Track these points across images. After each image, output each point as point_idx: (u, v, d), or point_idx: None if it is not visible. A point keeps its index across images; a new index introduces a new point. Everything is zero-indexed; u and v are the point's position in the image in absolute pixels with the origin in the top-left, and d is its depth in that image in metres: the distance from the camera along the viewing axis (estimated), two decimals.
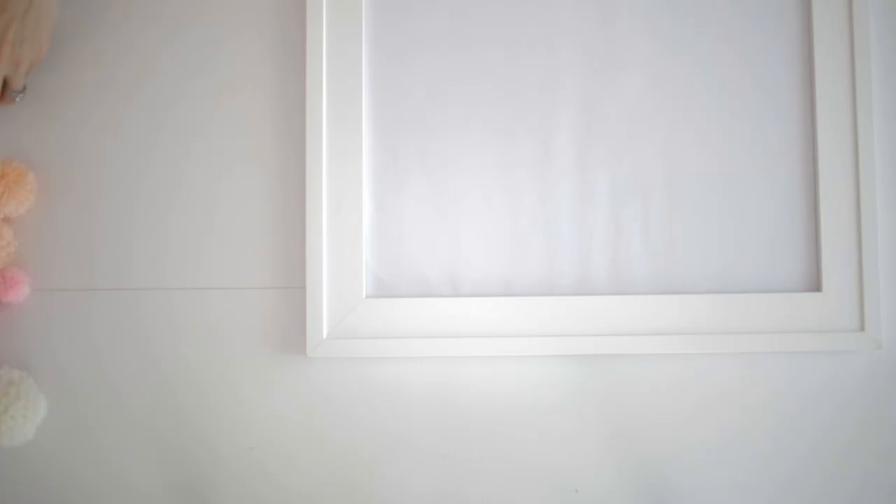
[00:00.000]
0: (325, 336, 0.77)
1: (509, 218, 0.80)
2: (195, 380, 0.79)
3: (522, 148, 0.80)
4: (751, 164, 0.80)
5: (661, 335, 0.77)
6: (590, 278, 0.79)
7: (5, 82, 0.76)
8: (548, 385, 0.79)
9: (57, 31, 0.80)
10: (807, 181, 0.80)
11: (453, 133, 0.80)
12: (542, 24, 0.80)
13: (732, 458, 0.79)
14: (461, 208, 0.80)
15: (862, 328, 0.78)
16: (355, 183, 0.78)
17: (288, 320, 0.79)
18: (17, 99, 0.78)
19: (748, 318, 0.78)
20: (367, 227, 0.78)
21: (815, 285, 0.79)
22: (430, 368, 0.78)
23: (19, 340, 0.79)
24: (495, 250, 0.79)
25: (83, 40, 0.81)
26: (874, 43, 0.80)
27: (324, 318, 0.77)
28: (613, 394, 0.79)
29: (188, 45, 0.80)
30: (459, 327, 0.77)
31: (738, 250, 0.80)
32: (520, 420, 0.79)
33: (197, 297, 0.79)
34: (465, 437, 0.79)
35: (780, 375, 0.79)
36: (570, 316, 0.78)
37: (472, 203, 0.80)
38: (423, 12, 0.80)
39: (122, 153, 0.80)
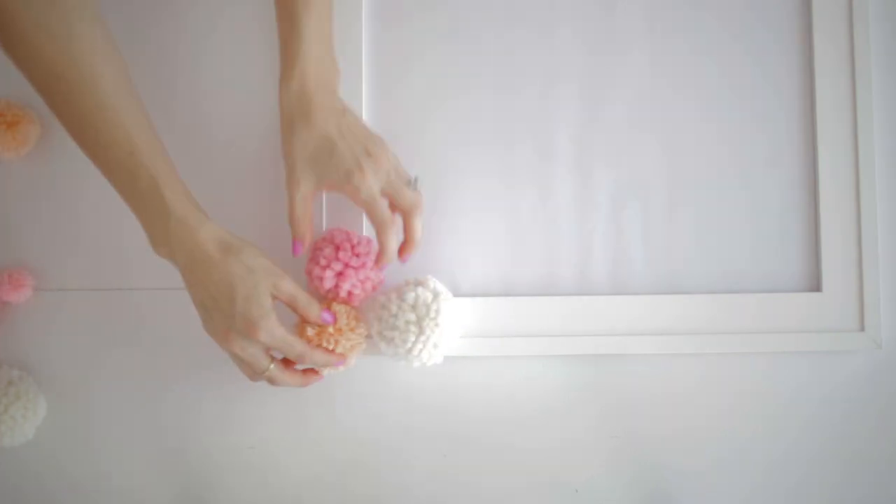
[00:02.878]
0: None
1: (509, 218, 0.80)
2: (195, 379, 0.79)
3: (523, 148, 0.80)
4: (751, 164, 0.80)
5: (660, 335, 0.77)
6: (590, 278, 0.79)
7: None
8: (547, 385, 0.79)
9: None
10: (807, 181, 0.80)
11: (453, 133, 0.80)
12: (541, 21, 0.80)
13: (730, 457, 0.79)
14: (461, 208, 0.80)
15: (862, 328, 0.78)
16: None
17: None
18: None
19: (748, 318, 0.78)
20: (366, 227, 0.78)
21: (815, 285, 0.79)
22: (430, 368, 0.78)
23: (19, 340, 0.79)
24: (495, 250, 0.79)
25: None
26: (874, 43, 0.80)
27: None
28: (613, 393, 0.79)
29: (187, 45, 0.80)
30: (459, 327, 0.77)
31: (738, 250, 0.80)
32: (519, 420, 0.79)
33: None
34: (465, 437, 0.79)
35: (780, 375, 0.79)
36: (570, 316, 0.78)
37: (471, 202, 0.80)
38: (423, 11, 0.80)
39: None
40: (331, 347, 0.72)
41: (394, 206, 0.72)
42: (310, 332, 0.72)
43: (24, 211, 0.80)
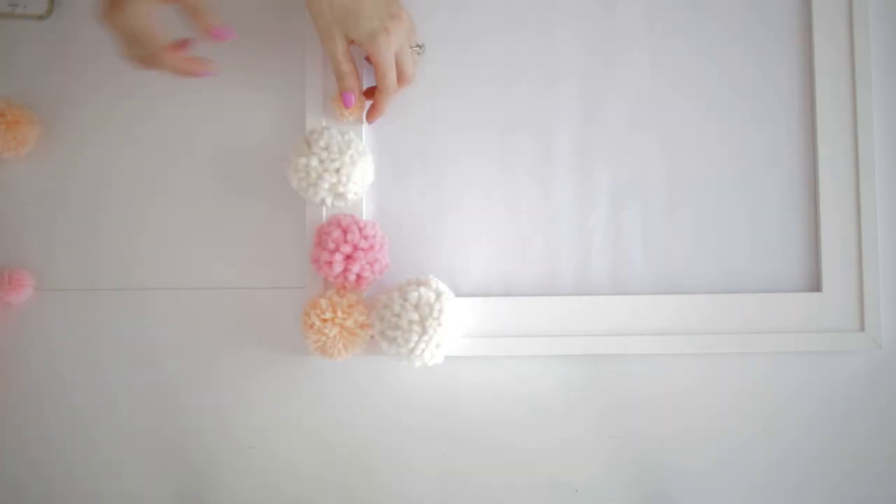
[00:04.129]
0: None
1: (509, 217, 0.80)
2: (195, 379, 0.79)
3: (523, 148, 0.80)
4: (751, 164, 0.80)
5: (660, 335, 0.77)
6: (590, 278, 0.79)
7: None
8: (547, 385, 0.79)
9: (57, 31, 0.80)
10: (807, 181, 0.80)
11: (453, 132, 0.80)
12: (541, 21, 0.80)
13: (730, 457, 0.79)
14: (461, 208, 0.80)
15: (862, 328, 0.78)
16: None
17: (288, 320, 0.79)
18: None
19: (748, 318, 0.78)
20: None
21: (815, 285, 0.79)
22: (430, 368, 0.78)
23: (20, 340, 0.79)
24: (495, 250, 0.79)
25: (82, 40, 0.81)
26: (874, 43, 0.80)
27: None
28: (613, 393, 0.79)
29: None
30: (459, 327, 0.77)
31: (737, 250, 0.80)
32: (519, 420, 0.79)
33: (197, 296, 0.79)
34: (465, 437, 0.79)
35: (780, 375, 0.79)
36: (569, 316, 0.78)
37: (471, 202, 0.80)
38: (423, 12, 0.80)
39: (125, 155, 0.80)
40: (332, 334, 0.72)
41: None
42: (315, 321, 0.72)
43: (23, 211, 0.80)
